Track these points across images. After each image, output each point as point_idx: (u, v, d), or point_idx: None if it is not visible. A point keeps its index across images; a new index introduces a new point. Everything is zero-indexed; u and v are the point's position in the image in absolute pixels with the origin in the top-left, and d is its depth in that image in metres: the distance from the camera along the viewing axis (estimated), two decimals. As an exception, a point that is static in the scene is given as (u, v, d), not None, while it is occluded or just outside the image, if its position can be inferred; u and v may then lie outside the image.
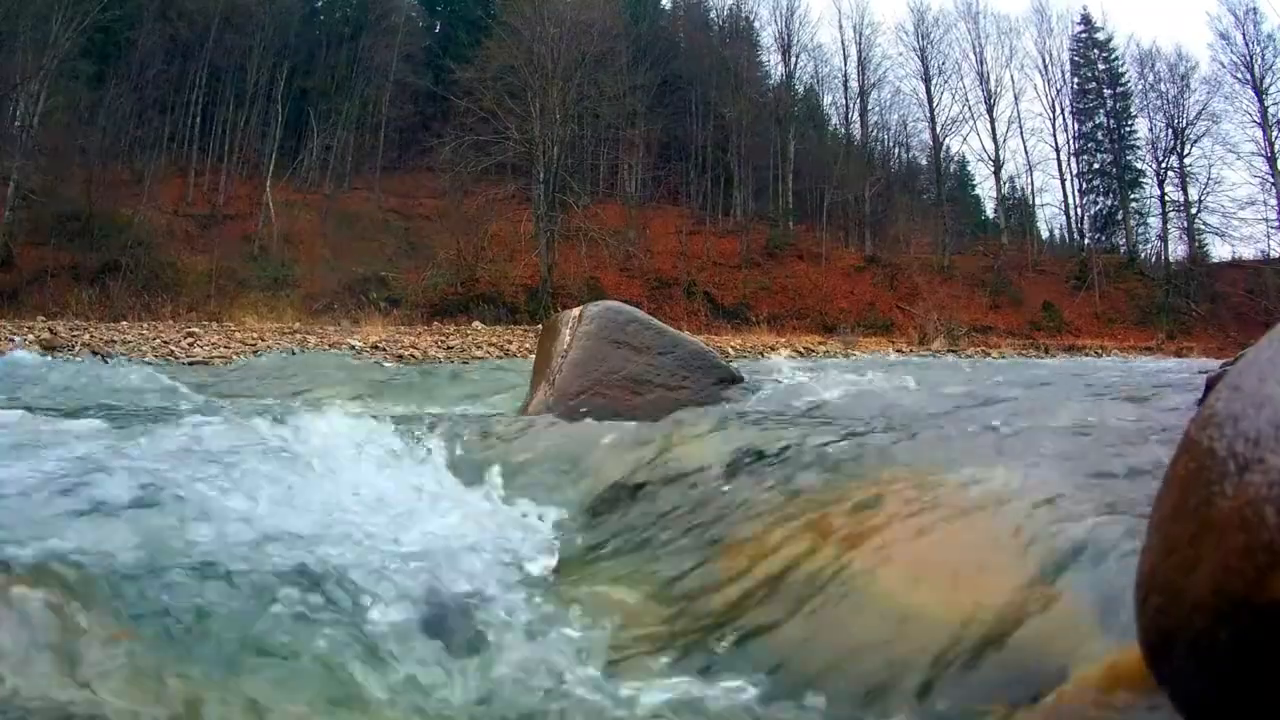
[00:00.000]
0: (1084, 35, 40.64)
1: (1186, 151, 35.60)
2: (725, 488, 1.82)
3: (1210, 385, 2.08)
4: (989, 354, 18.22)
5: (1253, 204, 34.84)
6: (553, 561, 1.57)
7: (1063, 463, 1.51)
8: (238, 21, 34.27)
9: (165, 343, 11.93)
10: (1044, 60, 39.71)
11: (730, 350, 13.88)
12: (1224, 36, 34.62)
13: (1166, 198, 36.86)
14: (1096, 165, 40.32)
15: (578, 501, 1.96)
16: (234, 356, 10.26)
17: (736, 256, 33.93)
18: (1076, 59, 40.44)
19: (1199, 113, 35.30)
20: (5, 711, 0.87)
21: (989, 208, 44.86)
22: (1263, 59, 33.68)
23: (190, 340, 12.74)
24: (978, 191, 46.90)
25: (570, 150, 32.10)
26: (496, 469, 2.26)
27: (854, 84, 41.55)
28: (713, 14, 44.62)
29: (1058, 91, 39.60)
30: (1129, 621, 0.69)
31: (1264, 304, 30.52)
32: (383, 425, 2.13)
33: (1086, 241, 38.72)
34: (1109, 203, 40.00)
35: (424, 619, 1.20)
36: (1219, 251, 37.25)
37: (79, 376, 6.07)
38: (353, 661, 1.07)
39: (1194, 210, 35.75)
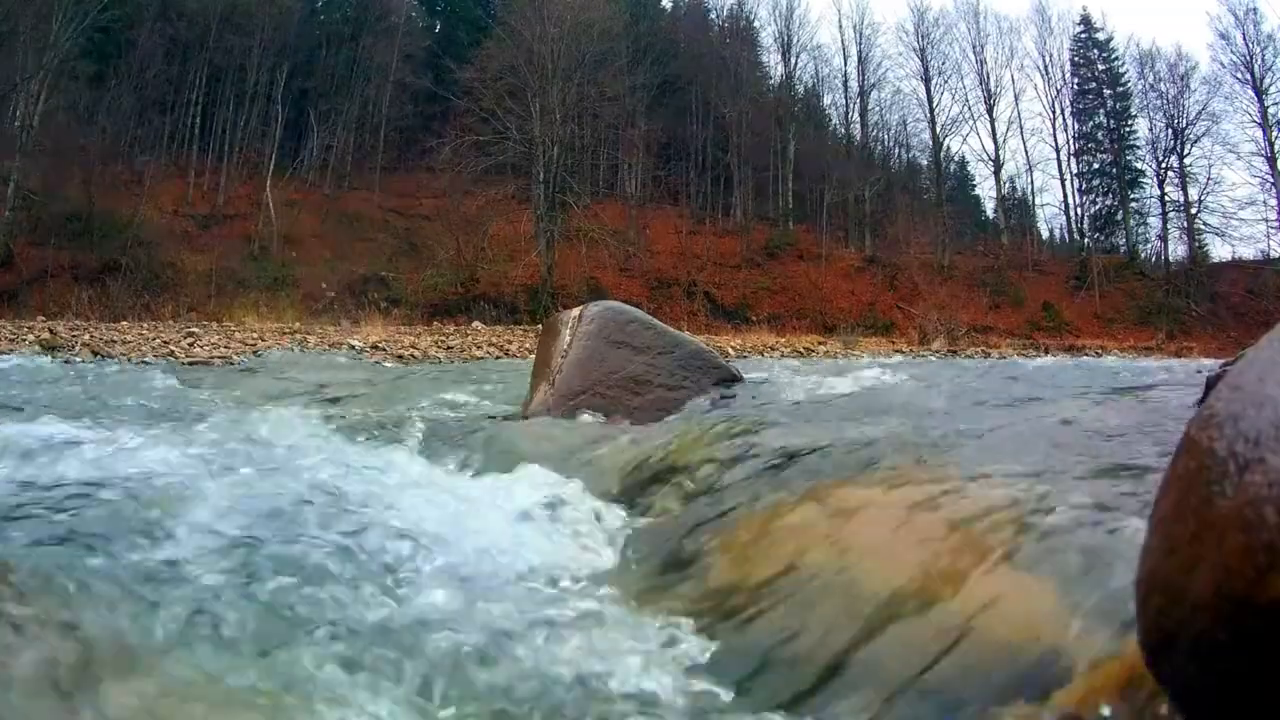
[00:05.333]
0: (1084, 35, 40.66)
1: (1186, 151, 35.63)
2: (725, 487, 1.83)
3: (1210, 385, 2.08)
4: (989, 354, 18.22)
5: (1253, 204, 34.90)
6: (557, 561, 1.57)
7: (1062, 461, 1.51)
8: (238, 21, 34.23)
9: (165, 343, 11.91)
10: (1044, 60, 39.77)
11: (730, 350, 13.86)
12: (1224, 36, 34.66)
13: (1166, 198, 36.89)
14: (1096, 165, 40.33)
15: (578, 502, 1.96)
16: (234, 357, 10.26)
17: (736, 256, 33.91)
18: (1076, 59, 40.46)
19: (1199, 113, 35.35)
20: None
21: (989, 208, 44.94)
22: (1263, 59, 33.71)
23: (190, 340, 12.73)
24: (978, 191, 46.98)
25: (570, 150, 32.04)
26: (497, 470, 2.26)
27: (854, 84, 41.62)
28: (713, 14, 44.66)
29: (1058, 92, 39.65)
30: (1129, 622, 0.69)
31: (1264, 304, 30.53)
32: (377, 427, 2.13)
33: (1086, 241, 38.71)
34: (1109, 203, 40.02)
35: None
36: (1219, 251, 37.28)
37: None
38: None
39: (1194, 210, 35.75)
